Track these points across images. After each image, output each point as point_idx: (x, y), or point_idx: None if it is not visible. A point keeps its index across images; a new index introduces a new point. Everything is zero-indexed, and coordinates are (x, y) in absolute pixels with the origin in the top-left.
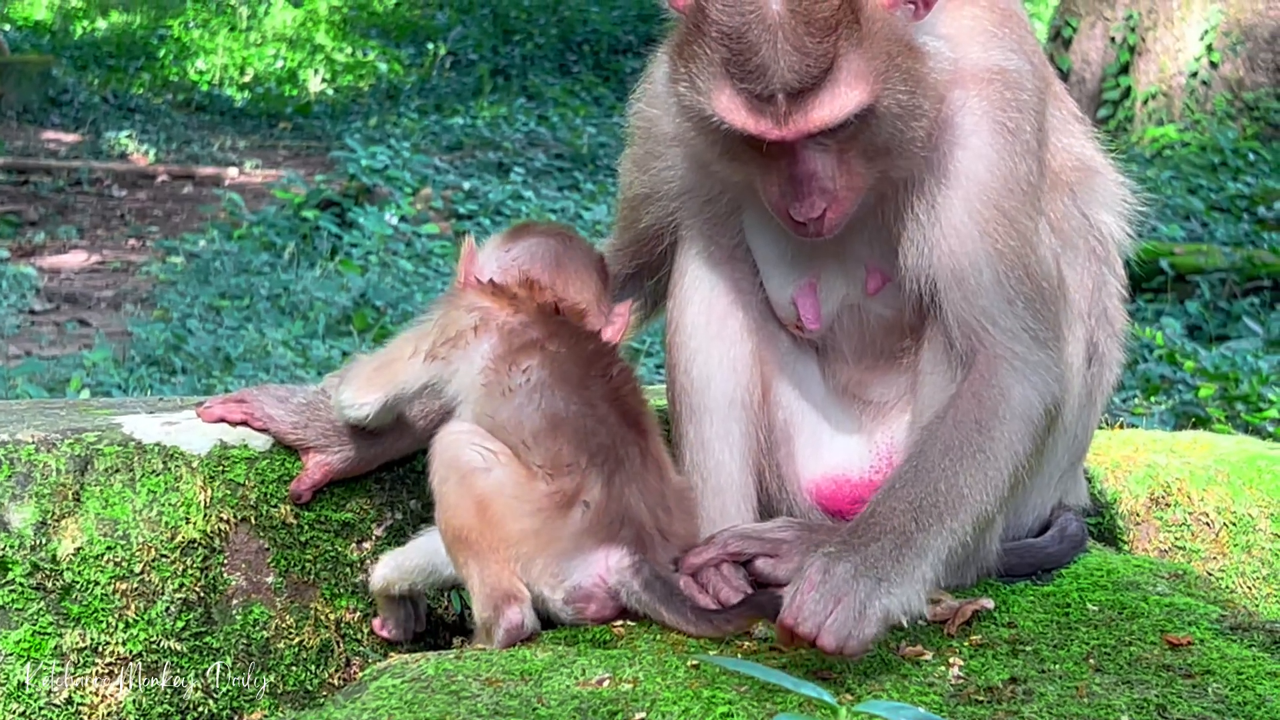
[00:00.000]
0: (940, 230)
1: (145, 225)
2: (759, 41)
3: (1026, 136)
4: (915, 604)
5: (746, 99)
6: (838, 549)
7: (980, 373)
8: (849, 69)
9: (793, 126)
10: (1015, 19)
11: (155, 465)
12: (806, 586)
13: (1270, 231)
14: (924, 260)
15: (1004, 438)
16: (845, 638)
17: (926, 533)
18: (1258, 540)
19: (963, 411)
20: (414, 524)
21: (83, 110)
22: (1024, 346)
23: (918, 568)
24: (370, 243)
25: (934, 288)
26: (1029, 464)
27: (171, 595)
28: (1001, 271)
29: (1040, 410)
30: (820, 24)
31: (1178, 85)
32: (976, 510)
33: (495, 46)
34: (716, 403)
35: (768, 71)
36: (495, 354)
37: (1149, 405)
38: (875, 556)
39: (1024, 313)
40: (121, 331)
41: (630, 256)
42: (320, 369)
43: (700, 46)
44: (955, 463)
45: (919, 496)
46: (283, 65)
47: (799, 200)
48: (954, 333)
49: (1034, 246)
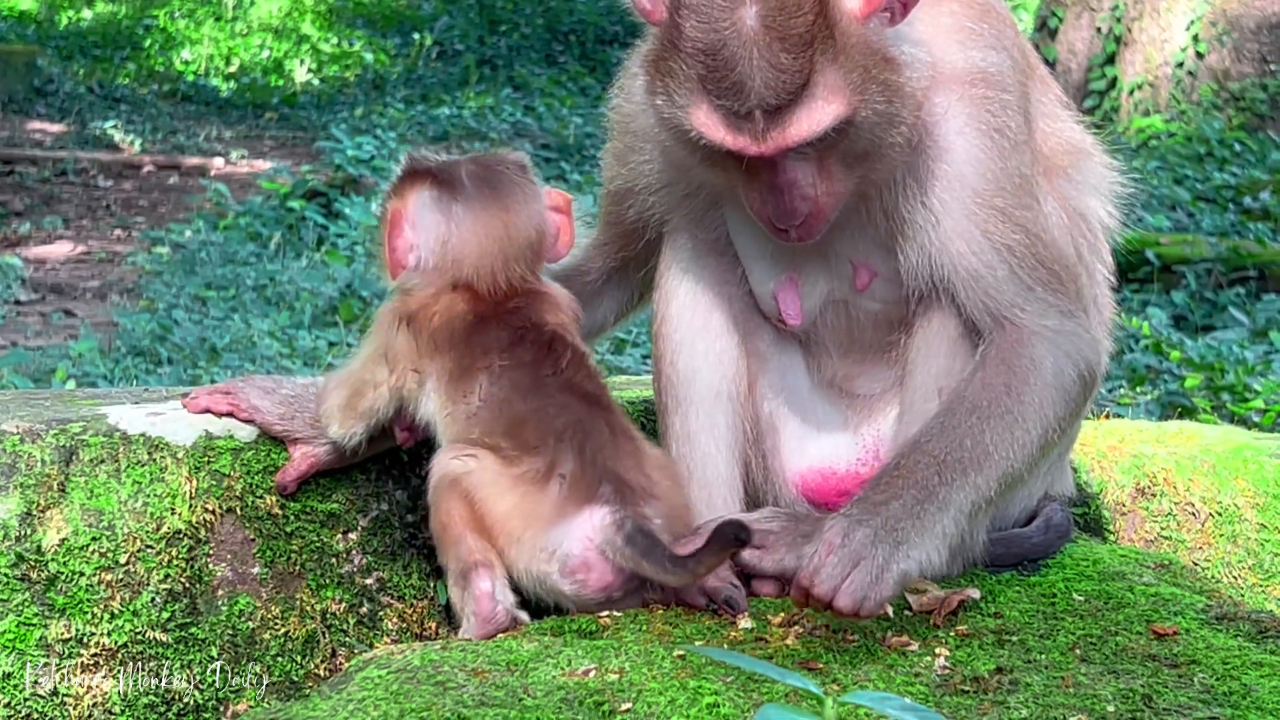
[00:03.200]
0: (944, 233)
1: (131, 216)
2: (735, 58)
3: (1012, 133)
4: (936, 559)
5: (724, 115)
6: (859, 511)
7: (1010, 342)
8: (825, 83)
9: (771, 142)
10: (993, 13)
11: (140, 456)
12: (825, 550)
13: (1256, 222)
14: (932, 262)
15: (1034, 402)
16: (861, 600)
17: (949, 486)
18: (1243, 530)
19: (991, 375)
20: (399, 514)
21: (68, 100)
22: (1054, 320)
23: (939, 522)
24: (356, 233)
25: (950, 287)
26: (1060, 427)
27: (157, 586)
28: (1014, 264)
29: (1074, 376)
30: (795, 40)
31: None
32: (1003, 468)
33: (481, 37)
34: (702, 395)
35: (744, 88)
36: (443, 385)
37: (1135, 395)
38: (896, 516)
39: (1045, 294)
40: (107, 322)
41: (616, 250)
42: (306, 359)
43: (676, 62)
44: (982, 421)
45: (944, 451)
46: (268, 55)
47: (780, 208)
48: (975, 315)
49: (1040, 233)
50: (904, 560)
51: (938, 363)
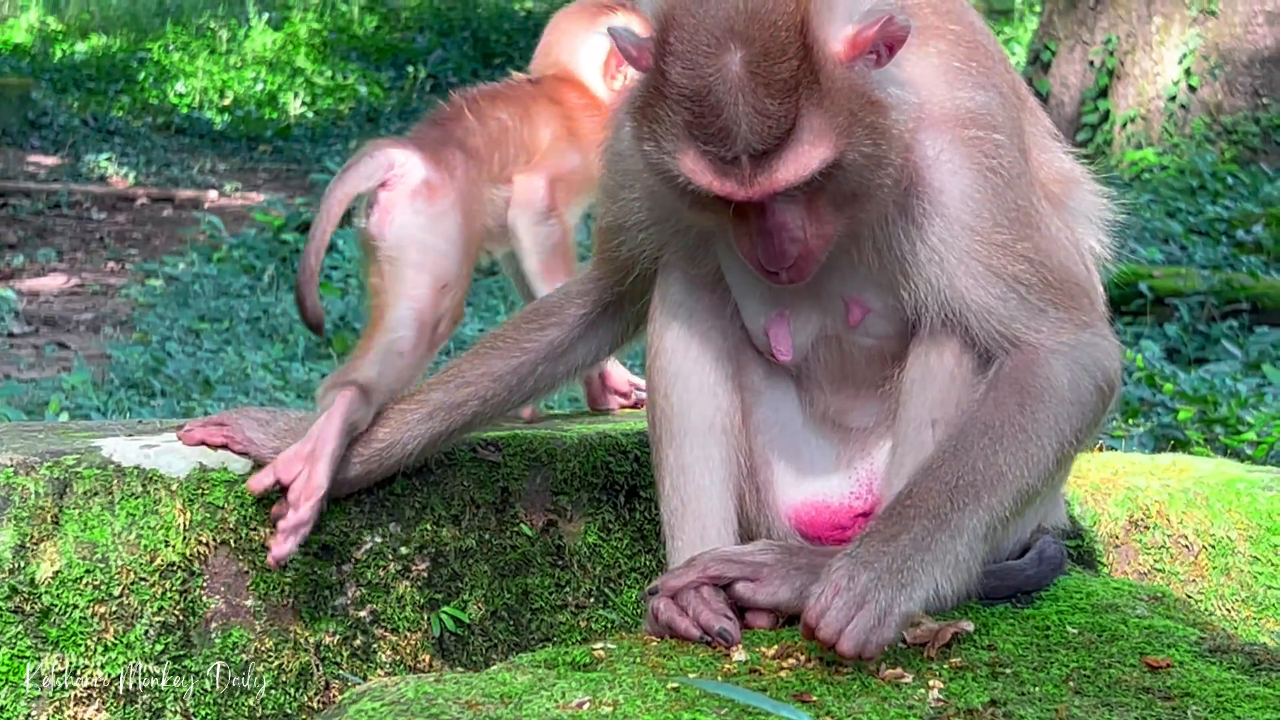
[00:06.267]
0: (950, 270)
1: (124, 248)
2: (720, 104)
3: (1006, 169)
4: (948, 588)
5: (711, 160)
6: (865, 551)
7: (1024, 361)
8: (810, 127)
9: (758, 187)
10: (981, 50)
11: (134, 488)
12: (830, 592)
13: (1249, 255)
14: (942, 298)
15: (1048, 418)
16: (864, 643)
17: (962, 511)
18: (1236, 563)
19: (1003, 394)
20: (393, 546)
21: (62, 133)
22: (1069, 334)
23: (951, 550)
24: (350, 265)
25: (963, 319)
26: (1078, 440)
27: (150, 619)
28: (1023, 292)
29: (1091, 388)
30: (780, 85)
31: (1156, 109)
32: (1017, 486)
33: (475, 70)
34: (696, 428)
35: (730, 134)
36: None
37: (1128, 428)
38: (905, 553)
39: (1059, 313)
40: (100, 354)
41: (610, 284)
42: (300, 392)
43: (663, 108)
44: (995, 442)
45: (955, 476)
46: (263, 88)
47: (770, 251)
48: (989, 343)
49: (1046, 258)
50: (907, 602)
51: (931, 395)
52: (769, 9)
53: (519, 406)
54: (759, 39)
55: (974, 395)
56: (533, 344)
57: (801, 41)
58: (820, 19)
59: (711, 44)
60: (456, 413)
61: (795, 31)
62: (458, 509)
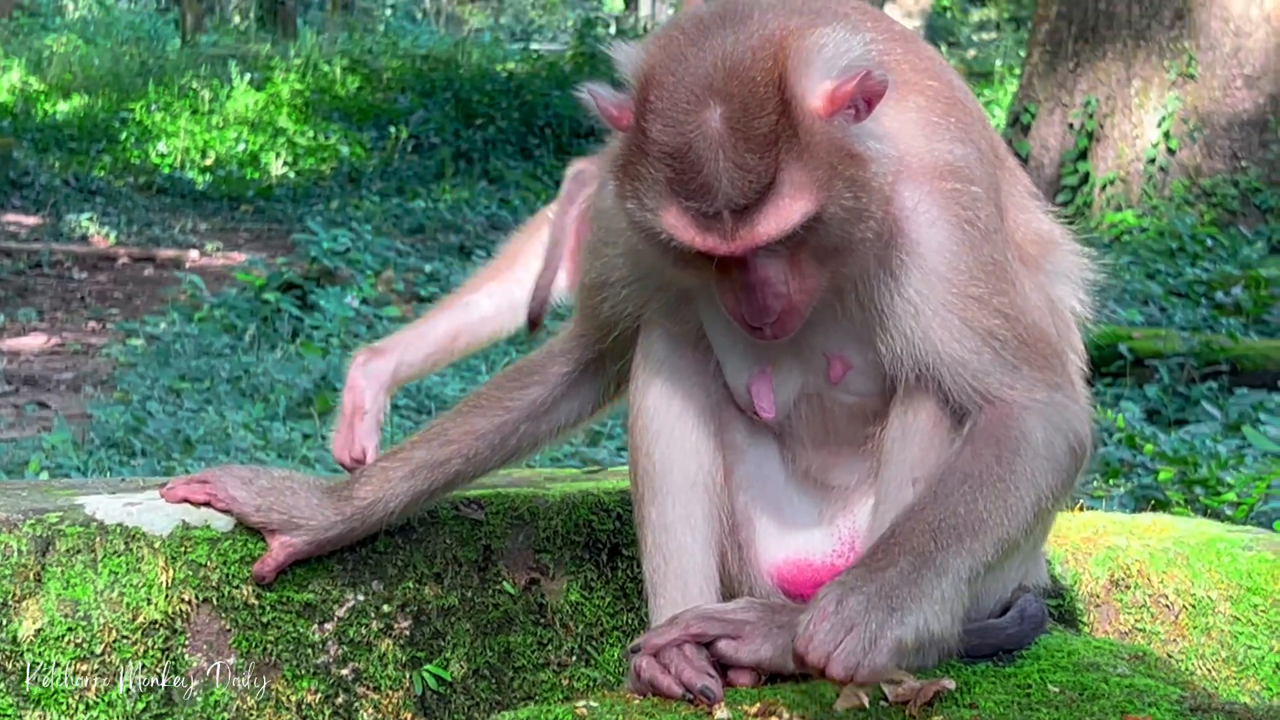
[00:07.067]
0: (925, 323)
1: (105, 307)
2: (701, 160)
3: (983, 223)
4: (934, 624)
5: (693, 216)
6: (852, 578)
7: (999, 416)
8: (791, 181)
9: (740, 242)
10: (959, 106)
11: (117, 546)
12: (819, 616)
13: (1228, 317)
14: (916, 352)
15: (1025, 471)
16: (854, 667)
17: (946, 551)
18: (1217, 622)
19: (980, 448)
20: (375, 604)
21: (43, 193)
22: (1043, 393)
23: (937, 586)
24: (331, 325)
25: (937, 374)
26: (1054, 496)
27: (132, 676)
28: (997, 348)
29: (1064, 447)
30: (760, 140)
31: (1136, 171)
32: (998, 533)
33: (457, 130)
34: (679, 485)
35: (712, 189)
36: None
37: (1109, 488)
38: (892, 583)
39: (1032, 371)
40: (81, 414)
41: (593, 341)
42: (281, 451)
43: (644, 166)
44: (974, 490)
45: (937, 518)
46: (244, 148)
47: (754, 306)
48: (963, 398)
49: (1020, 315)
50: (898, 626)
51: (912, 453)
52: (748, 65)
53: (502, 465)
54: (738, 95)
55: (951, 450)
56: (515, 402)
57: (780, 97)
58: (799, 74)
59: (691, 101)
60: (439, 471)
61: (774, 87)
62: (440, 567)
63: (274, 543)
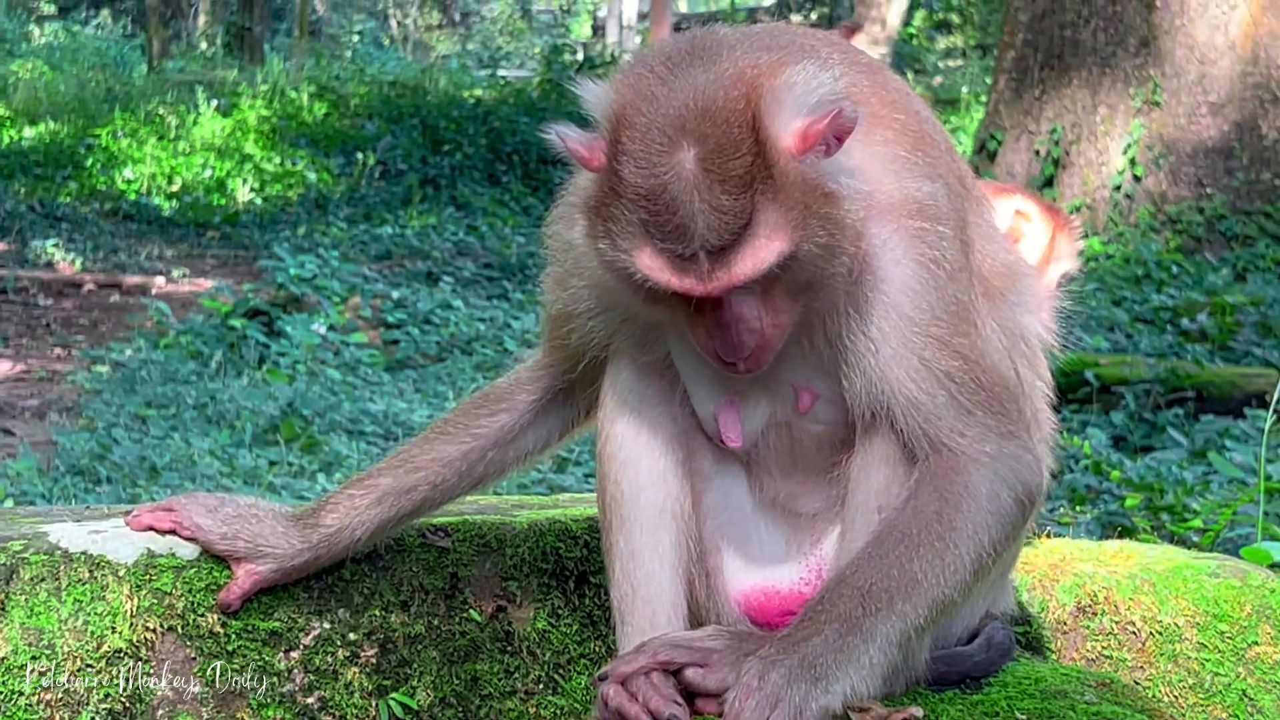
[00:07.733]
0: (883, 360)
1: (71, 334)
2: (676, 202)
3: (948, 262)
4: (862, 688)
5: (669, 258)
6: (775, 651)
7: (945, 468)
8: (766, 221)
9: (716, 283)
10: (927, 140)
11: (82, 574)
12: (744, 693)
13: (1194, 343)
14: (873, 388)
15: (967, 528)
16: None
17: (874, 617)
18: (1183, 649)
19: (923, 503)
20: (341, 632)
21: (8, 219)
22: (993, 444)
23: (864, 653)
24: (298, 351)
25: (890, 413)
26: (996, 551)
27: (97, 705)
28: (952, 390)
29: (1010, 501)
30: (735, 181)
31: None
32: (933, 595)
33: (424, 156)
34: (646, 513)
35: (687, 231)
36: None
37: (1075, 515)
38: (816, 652)
39: (985, 418)
40: (46, 441)
41: (560, 370)
42: (247, 478)
43: (618, 207)
44: (911, 550)
45: (868, 582)
46: (211, 174)
47: (728, 343)
48: (913, 441)
49: (979, 358)
50: (823, 696)
51: (878, 482)
52: (720, 105)
53: (469, 492)
54: (712, 136)
55: (896, 501)
56: (483, 429)
57: (754, 137)
58: (771, 113)
59: (664, 142)
60: (406, 498)
61: (747, 127)
62: (406, 595)
63: (239, 570)
